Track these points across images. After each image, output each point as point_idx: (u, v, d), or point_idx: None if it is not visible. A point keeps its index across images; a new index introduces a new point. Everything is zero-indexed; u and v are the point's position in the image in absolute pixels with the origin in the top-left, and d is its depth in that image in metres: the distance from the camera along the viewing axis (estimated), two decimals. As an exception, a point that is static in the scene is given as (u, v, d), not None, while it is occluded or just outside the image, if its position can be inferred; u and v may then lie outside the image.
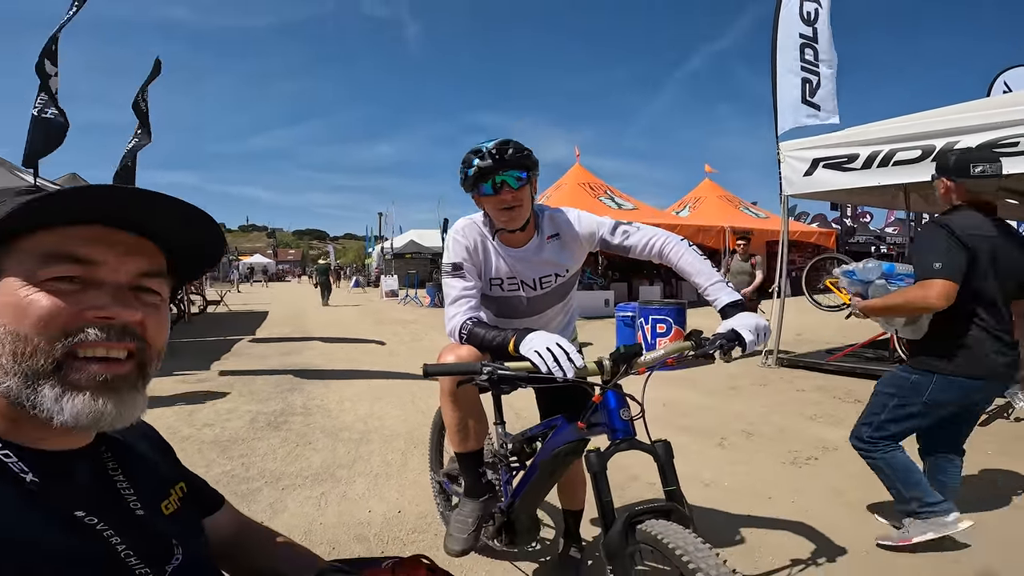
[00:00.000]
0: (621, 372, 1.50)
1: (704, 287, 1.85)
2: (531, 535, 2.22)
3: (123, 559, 0.66)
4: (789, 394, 5.61)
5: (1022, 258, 2.44)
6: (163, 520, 0.77)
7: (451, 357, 1.82)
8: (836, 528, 2.74)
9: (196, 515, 0.91)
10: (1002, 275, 2.39)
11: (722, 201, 18.05)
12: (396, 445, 4.06)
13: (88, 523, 0.65)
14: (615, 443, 1.48)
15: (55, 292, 0.64)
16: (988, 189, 2.48)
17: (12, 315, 0.63)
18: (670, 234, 1.98)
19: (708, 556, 1.13)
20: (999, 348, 2.35)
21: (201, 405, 5.23)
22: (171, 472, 0.89)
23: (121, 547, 0.67)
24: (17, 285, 0.64)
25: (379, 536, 2.72)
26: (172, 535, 0.75)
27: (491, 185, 1.84)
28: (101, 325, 0.65)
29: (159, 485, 0.82)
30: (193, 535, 0.84)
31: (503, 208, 1.87)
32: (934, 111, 5.55)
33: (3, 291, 0.64)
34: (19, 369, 0.62)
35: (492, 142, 1.86)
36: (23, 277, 0.64)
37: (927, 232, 2.51)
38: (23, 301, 0.63)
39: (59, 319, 0.64)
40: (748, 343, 1.61)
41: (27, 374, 0.63)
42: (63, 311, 0.64)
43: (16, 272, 0.64)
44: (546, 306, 2.12)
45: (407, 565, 1.06)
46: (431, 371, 1.46)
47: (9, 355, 0.63)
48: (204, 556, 0.84)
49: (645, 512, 1.35)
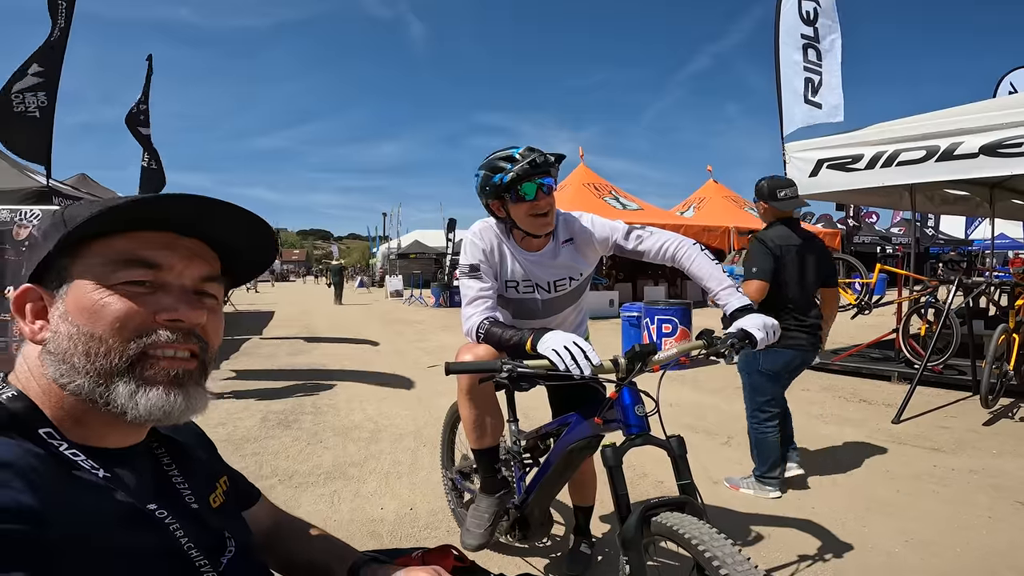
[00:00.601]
0: (636, 370, 1.54)
1: (715, 291, 1.89)
2: (543, 531, 2.26)
3: (186, 552, 0.69)
4: (794, 394, 5.59)
5: (819, 259, 3.25)
6: (213, 513, 0.80)
7: (469, 356, 1.86)
8: (842, 526, 2.77)
9: (238, 508, 0.94)
10: (805, 273, 3.20)
11: (727, 201, 18.02)
12: (406, 444, 4.11)
13: (159, 517, 0.68)
14: (630, 438, 1.52)
15: (128, 295, 0.67)
16: (790, 208, 3.26)
17: (87, 317, 0.66)
18: (683, 238, 2.02)
19: (724, 545, 1.17)
20: (801, 326, 3.15)
21: (212, 404, 5.27)
22: (215, 466, 0.93)
23: (184, 540, 0.69)
24: (90, 288, 0.67)
25: (392, 533, 2.76)
26: (224, 527, 0.78)
27: (529, 190, 1.87)
28: (172, 328, 0.69)
29: (207, 479, 0.85)
30: (240, 527, 0.87)
31: (537, 215, 1.92)
32: (939, 112, 5.56)
33: (76, 293, 0.67)
34: (93, 368, 0.65)
35: (516, 149, 1.90)
36: (96, 280, 0.67)
37: (751, 244, 3.26)
38: (98, 304, 0.66)
39: (133, 321, 0.67)
40: (759, 341, 1.65)
41: (101, 373, 0.66)
42: (137, 314, 0.67)
43: (88, 275, 0.67)
44: (560, 308, 2.16)
45: (436, 554, 1.10)
46: (453, 369, 1.51)
47: (82, 355, 0.65)
48: (252, 548, 0.87)
49: (660, 505, 1.38)
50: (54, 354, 0.66)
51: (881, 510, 2.95)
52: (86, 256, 0.67)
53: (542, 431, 2.10)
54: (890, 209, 12.20)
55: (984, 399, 4.60)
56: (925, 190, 7.44)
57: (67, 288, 0.66)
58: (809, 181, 6.45)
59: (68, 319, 0.66)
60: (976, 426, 4.38)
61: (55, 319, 0.67)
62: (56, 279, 0.67)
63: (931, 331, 5.61)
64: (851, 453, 3.84)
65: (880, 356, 6.76)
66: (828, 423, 4.57)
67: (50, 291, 0.68)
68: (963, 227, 24.35)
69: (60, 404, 0.67)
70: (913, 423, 4.49)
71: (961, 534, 2.68)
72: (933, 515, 2.89)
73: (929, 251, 23.50)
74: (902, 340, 6.17)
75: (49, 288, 0.68)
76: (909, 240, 17.06)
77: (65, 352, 0.65)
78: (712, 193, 18.41)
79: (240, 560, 0.78)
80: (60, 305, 0.66)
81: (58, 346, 0.66)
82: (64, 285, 0.67)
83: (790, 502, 3.06)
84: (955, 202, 8.17)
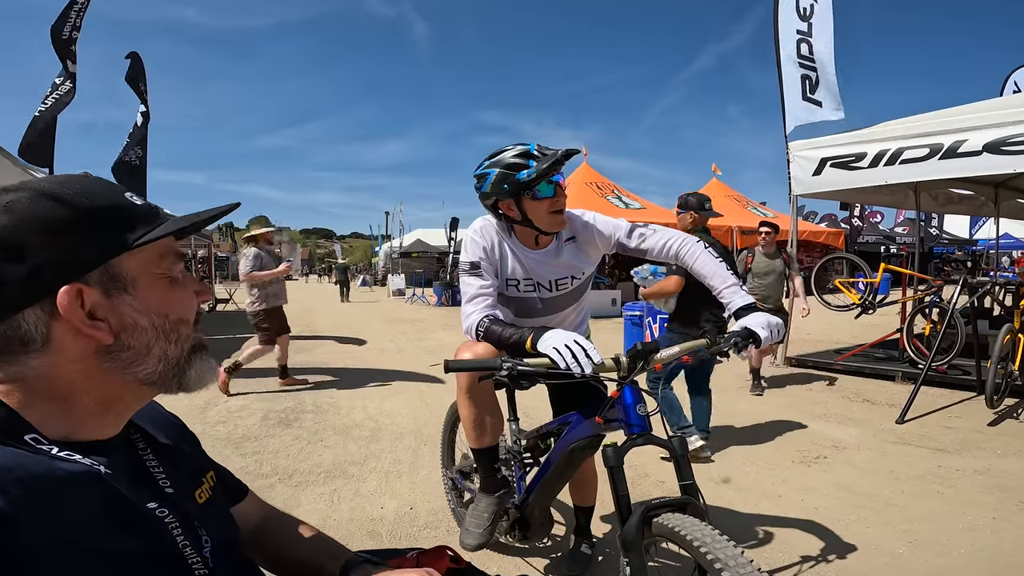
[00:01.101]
0: (638, 369, 1.51)
1: (718, 290, 1.87)
2: (544, 531, 2.24)
3: (181, 551, 0.70)
4: (798, 393, 5.61)
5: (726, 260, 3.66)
6: (195, 507, 0.79)
7: (468, 354, 1.84)
8: (845, 525, 2.75)
9: (225, 504, 0.93)
10: None
11: (730, 200, 17.97)
12: (406, 443, 4.09)
13: (159, 515, 0.69)
14: (632, 438, 1.50)
15: (184, 284, 0.76)
16: (710, 217, 3.98)
17: (173, 306, 0.73)
18: (687, 236, 2.00)
19: (726, 547, 1.15)
20: (709, 315, 3.67)
21: (213, 402, 5.28)
22: (200, 460, 0.92)
23: (180, 538, 0.70)
24: (161, 280, 0.73)
25: (391, 532, 2.75)
26: (200, 522, 0.77)
27: (548, 188, 1.87)
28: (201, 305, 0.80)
29: (192, 473, 0.84)
30: (225, 523, 0.86)
31: (555, 211, 1.92)
32: (943, 110, 5.54)
33: (150, 287, 0.71)
34: (181, 350, 0.74)
35: (529, 145, 1.89)
36: (164, 273, 0.73)
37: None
38: (177, 294, 0.74)
39: (194, 304, 0.77)
40: (763, 339, 1.63)
41: (188, 352, 0.75)
42: (194, 297, 0.78)
43: (152, 269, 0.72)
44: (562, 306, 2.13)
45: (431, 555, 1.08)
46: (452, 367, 1.49)
47: (174, 342, 0.73)
48: (237, 544, 0.87)
49: (662, 505, 1.37)
50: (131, 349, 0.69)
51: (885, 510, 2.93)
52: (139, 252, 0.70)
53: (543, 430, 2.09)
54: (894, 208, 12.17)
55: (989, 399, 4.57)
56: (929, 189, 7.41)
57: (135, 284, 0.69)
58: (813, 179, 6.43)
59: (150, 311, 0.70)
60: (981, 426, 4.35)
61: (126, 314, 0.68)
62: (108, 277, 0.67)
63: (935, 331, 5.57)
64: (855, 453, 3.82)
65: (884, 356, 6.73)
66: (831, 423, 4.55)
67: (103, 289, 0.67)
68: (967, 227, 24.27)
69: (30, 402, 0.66)
70: (917, 423, 4.46)
71: (966, 535, 2.66)
72: (937, 516, 2.87)
73: (933, 251, 23.43)
74: (906, 340, 6.14)
75: (93, 285, 0.66)
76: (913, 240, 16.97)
77: (148, 344, 0.70)
78: (715, 192, 18.32)
79: (221, 555, 0.77)
80: (129, 301, 0.68)
81: (138, 339, 0.69)
82: (125, 282, 0.68)
83: (792, 502, 3.04)
84: (959, 201, 8.14)
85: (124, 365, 0.69)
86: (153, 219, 0.73)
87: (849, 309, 6.68)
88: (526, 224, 1.95)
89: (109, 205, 0.69)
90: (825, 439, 4.11)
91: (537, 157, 1.85)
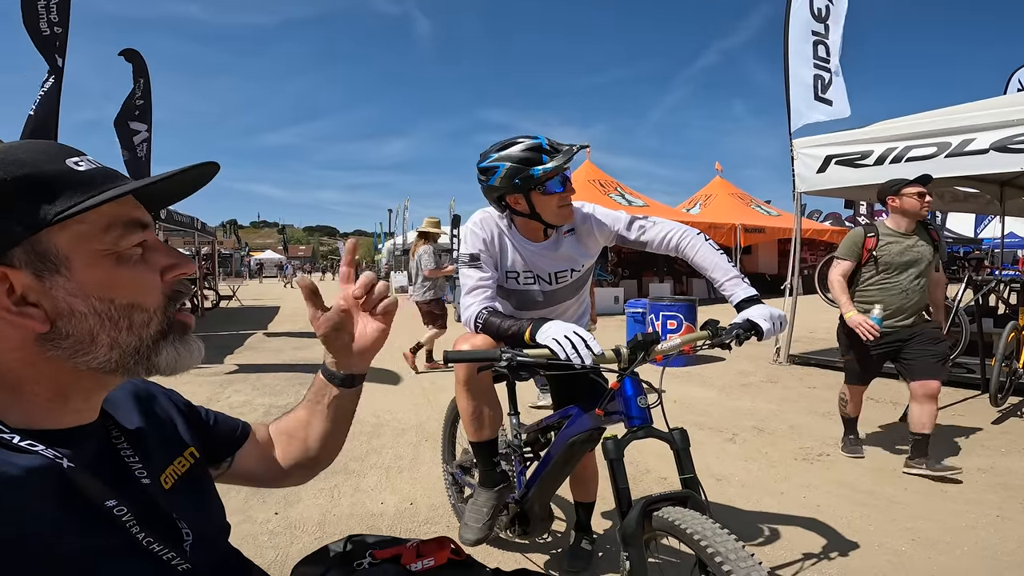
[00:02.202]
0: (638, 360, 1.50)
1: (720, 282, 1.85)
2: (544, 526, 2.23)
3: (145, 547, 0.65)
4: (800, 391, 5.58)
5: None
6: (164, 495, 0.74)
7: (466, 346, 1.83)
8: (848, 523, 2.73)
9: (206, 481, 0.88)
10: None
11: (733, 198, 17.93)
12: (408, 438, 4.09)
13: (118, 514, 0.64)
14: (632, 430, 1.49)
15: (144, 259, 0.66)
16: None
17: (120, 289, 0.63)
18: (687, 228, 1.98)
19: (727, 541, 1.13)
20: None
21: (216, 398, 5.28)
22: (183, 436, 0.87)
23: (141, 536, 0.65)
24: (105, 258, 0.63)
25: (391, 527, 2.74)
26: (174, 511, 0.73)
27: (559, 181, 1.88)
28: (185, 281, 0.71)
29: (167, 454, 0.80)
30: (204, 511, 0.81)
31: (564, 205, 1.92)
32: (949, 108, 5.51)
33: (89, 266, 0.62)
34: (137, 338, 0.65)
35: (538, 139, 1.87)
36: (107, 248, 0.63)
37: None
38: (126, 274, 0.64)
39: (152, 286, 0.67)
40: (765, 331, 1.62)
41: (147, 340, 0.66)
42: (158, 277, 0.67)
43: (92, 245, 0.62)
44: (562, 299, 2.13)
45: (432, 545, 1.07)
46: (451, 357, 1.48)
47: (124, 328, 0.64)
48: (215, 530, 0.83)
49: (662, 499, 1.35)
50: (71, 337, 0.61)
51: (888, 508, 2.91)
52: (72, 225, 0.60)
53: (543, 424, 2.08)
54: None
55: (993, 397, 4.54)
56: (935, 187, 7.35)
57: (68, 263, 0.60)
58: (817, 177, 6.40)
59: (89, 295, 0.61)
60: (985, 424, 4.32)
61: (60, 299, 0.60)
62: (36, 256, 0.59)
63: (940, 329, 5.53)
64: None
65: (887, 354, 6.68)
66: (835, 421, 4.50)
67: (34, 270, 0.59)
68: (972, 225, 24.14)
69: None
70: (921, 421, 4.43)
71: (969, 533, 2.64)
72: (941, 514, 2.85)
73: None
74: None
75: (21, 266, 0.59)
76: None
77: (91, 330, 0.62)
78: (719, 190, 18.32)
79: (203, 546, 0.74)
80: (63, 283, 0.60)
81: (77, 327, 0.61)
82: (56, 261, 0.59)
83: (795, 499, 3.02)
84: (965, 200, 8.10)
85: (69, 354, 0.62)
86: (96, 187, 0.62)
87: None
88: (534, 218, 1.93)
89: (29, 174, 0.59)
90: (828, 437, 4.08)
91: (549, 152, 1.83)
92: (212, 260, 18.67)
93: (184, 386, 5.69)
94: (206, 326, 11.67)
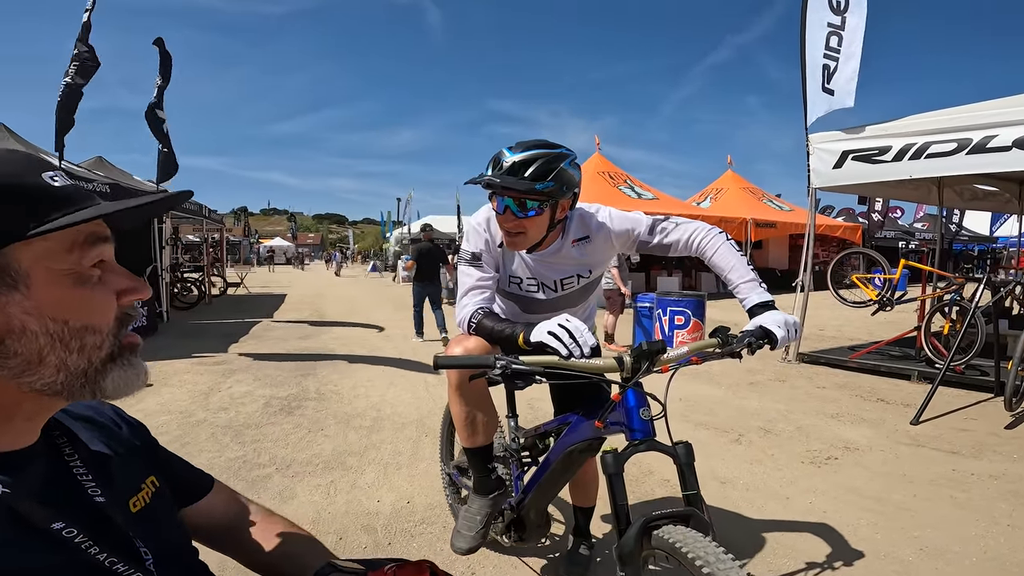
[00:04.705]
0: (643, 370, 1.41)
1: (735, 284, 1.74)
2: (541, 532, 2.17)
3: (106, 566, 0.63)
4: (809, 391, 5.49)
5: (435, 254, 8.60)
6: (128, 516, 0.72)
7: (459, 349, 1.76)
8: (854, 531, 2.66)
9: (170, 509, 0.85)
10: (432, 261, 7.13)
11: (744, 192, 17.71)
12: (407, 433, 4.04)
13: (67, 536, 0.61)
14: (633, 444, 1.42)
15: (102, 279, 0.64)
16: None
17: (76, 310, 0.61)
18: (710, 228, 1.85)
19: (729, 567, 1.06)
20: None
21: (217, 388, 5.27)
22: (146, 465, 0.84)
23: (95, 552, 0.63)
24: (65, 276, 0.60)
25: (387, 527, 2.70)
26: (135, 533, 0.70)
27: (502, 205, 1.69)
28: (136, 304, 0.68)
29: (131, 480, 0.78)
30: (168, 531, 0.79)
31: (506, 233, 1.75)
32: (972, 105, 5.37)
33: (48, 284, 0.59)
34: (86, 361, 0.62)
35: (517, 153, 1.66)
36: (70, 267, 0.61)
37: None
38: (85, 294, 0.62)
39: (115, 307, 0.65)
40: (779, 339, 1.53)
41: (96, 363, 0.63)
42: (115, 298, 0.65)
43: (53, 262, 0.60)
44: (567, 305, 2.02)
45: (410, 569, 1.02)
46: (441, 363, 1.40)
47: (75, 351, 0.61)
48: (179, 552, 0.80)
49: (663, 517, 1.28)
50: (19, 356, 0.58)
51: (896, 515, 2.83)
52: (37, 242, 0.58)
53: (541, 429, 2.01)
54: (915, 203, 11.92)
55: (1007, 401, 4.44)
56: (954, 184, 7.22)
57: (27, 280, 0.58)
58: (833, 172, 6.29)
59: (44, 315, 0.58)
60: (998, 429, 4.22)
61: (13, 316, 0.57)
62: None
63: (955, 330, 5.42)
64: (866, 455, 3.71)
65: (900, 354, 6.56)
66: (844, 422, 4.43)
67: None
68: (988, 223, 23.77)
69: None
70: (932, 424, 4.34)
71: (978, 542, 2.56)
72: (950, 522, 2.77)
73: (953, 247, 22.98)
74: (924, 338, 5.99)
75: None
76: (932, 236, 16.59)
77: (40, 351, 0.59)
78: (730, 184, 18.10)
79: (166, 565, 0.71)
80: (19, 300, 0.57)
81: (26, 346, 0.58)
82: (15, 277, 0.57)
83: (800, 506, 2.95)
84: (984, 197, 7.96)
85: (15, 373, 0.59)
86: (72, 204, 0.61)
87: (866, 305, 6.52)
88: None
89: (4, 184, 0.57)
90: (837, 439, 4.00)
91: (492, 165, 1.68)
92: (220, 247, 18.73)
93: (186, 376, 5.70)
94: (212, 313, 11.71)
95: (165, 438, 3.79)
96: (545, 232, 1.77)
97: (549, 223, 1.75)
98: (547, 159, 1.65)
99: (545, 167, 1.64)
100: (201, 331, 9.11)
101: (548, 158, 1.65)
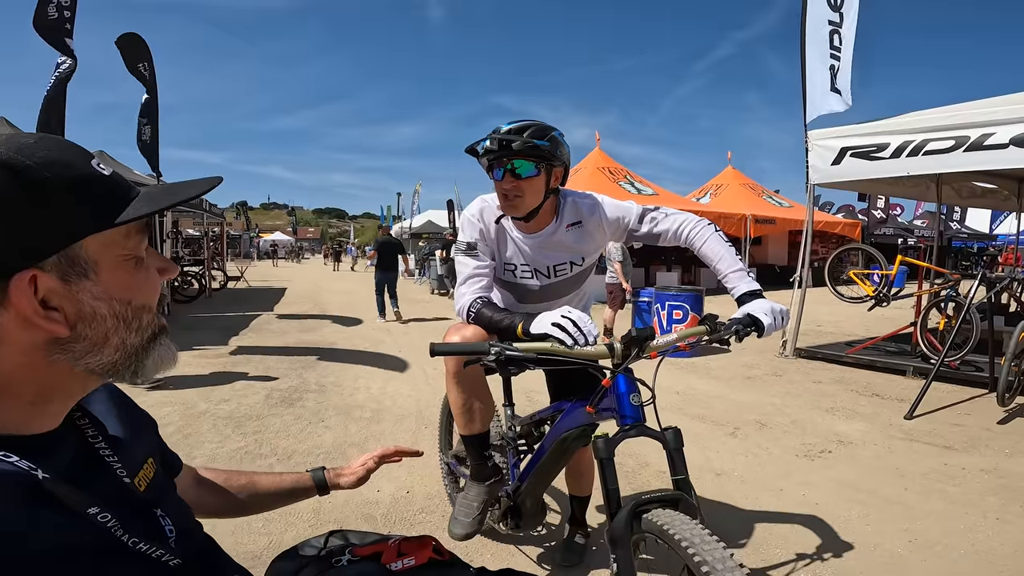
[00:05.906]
0: (632, 356, 1.46)
1: (724, 273, 1.79)
2: (537, 519, 2.21)
3: (133, 549, 0.64)
4: (806, 386, 5.53)
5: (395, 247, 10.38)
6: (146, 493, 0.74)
7: (456, 337, 1.80)
8: (846, 523, 2.70)
9: (171, 484, 0.88)
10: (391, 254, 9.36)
11: (744, 188, 17.71)
12: (407, 424, 4.09)
13: (101, 521, 0.62)
14: (624, 429, 1.45)
15: (148, 263, 0.68)
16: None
17: (137, 291, 0.66)
18: (699, 219, 1.90)
19: (714, 548, 1.10)
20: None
21: (218, 380, 5.31)
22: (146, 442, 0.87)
23: (127, 538, 0.64)
24: (127, 261, 0.65)
25: (386, 516, 2.74)
26: (164, 510, 0.73)
27: (501, 171, 1.78)
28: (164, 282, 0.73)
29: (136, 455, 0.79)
30: (174, 503, 0.81)
31: (502, 194, 1.82)
32: (970, 102, 5.39)
33: (114, 269, 0.63)
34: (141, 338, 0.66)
35: (510, 124, 1.79)
36: (130, 252, 0.65)
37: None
38: (142, 276, 0.66)
39: (158, 287, 0.70)
40: (766, 327, 1.57)
41: (148, 339, 0.68)
42: (159, 279, 0.70)
43: (117, 249, 0.63)
44: (562, 293, 2.06)
45: (414, 543, 1.06)
46: (438, 350, 1.44)
47: (134, 330, 0.66)
48: (193, 524, 0.83)
49: (652, 501, 1.32)
50: (87, 339, 0.61)
51: (887, 508, 2.88)
52: (103, 232, 0.61)
53: (536, 417, 2.05)
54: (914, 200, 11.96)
55: (1000, 397, 4.48)
56: (952, 182, 7.25)
57: (96, 268, 0.61)
58: (831, 169, 6.32)
59: (110, 299, 0.62)
60: (990, 424, 4.27)
61: (85, 303, 0.60)
62: (67, 261, 0.58)
63: (950, 326, 5.45)
64: (860, 448, 3.76)
65: (896, 350, 6.61)
66: (838, 417, 4.48)
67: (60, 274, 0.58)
68: (988, 221, 23.76)
69: None
70: (926, 419, 4.38)
71: (967, 535, 2.61)
72: (940, 515, 2.81)
73: (952, 244, 22.98)
74: (919, 334, 6.03)
75: (49, 270, 0.58)
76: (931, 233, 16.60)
77: (106, 333, 0.63)
78: (730, 180, 18.11)
79: (185, 540, 0.74)
80: (90, 287, 0.60)
81: (96, 330, 0.62)
82: (86, 266, 0.60)
83: (794, 497, 3.00)
84: (982, 195, 7.98)
85: (77, 356, 0.61)
86: (123, 192, 0.64)
87: (863, 301, 6.56)
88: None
89: (75, 176, 0.59)
90: (831, 433, 4.04)
91: (494, 139, 1.76)
92: (221, 241, 18.75)
93: (187, 368, 5.73)
94: (213, 307, 11.74)
95: (168, 429, 3.84)
96: (541, 199, 1.83)
97: (545, 189, 1.82)
98: (541, 126, 1.79)
99: (540, 132, 1.77)
100: (202, 324, 9.15)
101: (542, 126, 1.79)
